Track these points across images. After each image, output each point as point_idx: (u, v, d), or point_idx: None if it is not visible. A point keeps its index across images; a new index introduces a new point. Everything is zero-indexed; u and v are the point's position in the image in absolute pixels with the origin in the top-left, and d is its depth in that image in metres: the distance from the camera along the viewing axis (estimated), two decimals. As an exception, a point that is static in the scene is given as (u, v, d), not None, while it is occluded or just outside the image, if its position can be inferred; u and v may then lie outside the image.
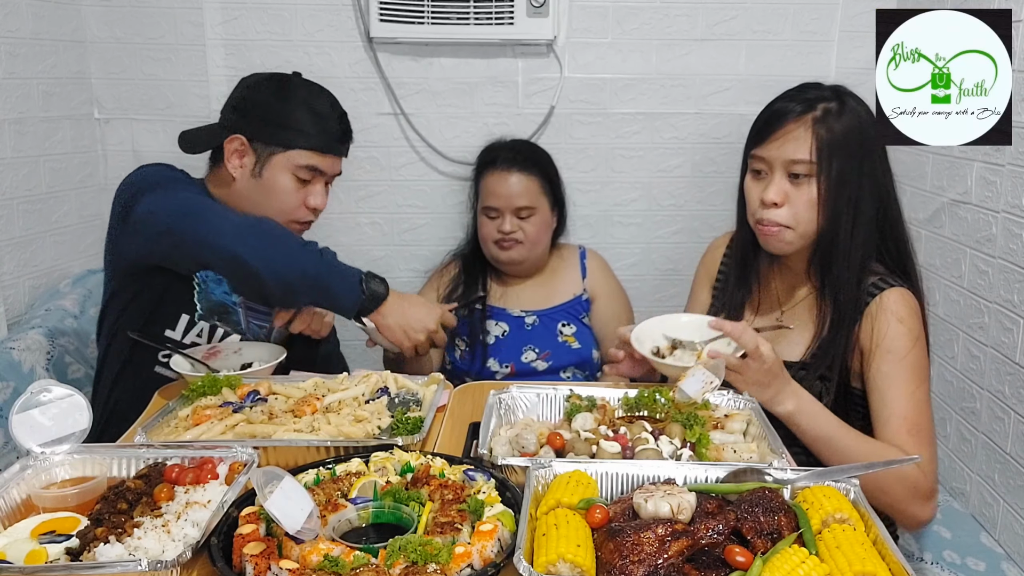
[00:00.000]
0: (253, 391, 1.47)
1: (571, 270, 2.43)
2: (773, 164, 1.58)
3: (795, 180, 1.57)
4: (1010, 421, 2.01)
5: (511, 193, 2.25)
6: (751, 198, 1.64)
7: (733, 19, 2.62)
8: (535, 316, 2.35)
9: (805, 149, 1.55)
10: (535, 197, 2.27)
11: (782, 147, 1.56)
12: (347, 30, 2.59)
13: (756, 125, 1.64)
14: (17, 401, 1.19)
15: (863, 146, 1.57)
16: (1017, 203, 1.97)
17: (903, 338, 1.55)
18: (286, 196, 1.78)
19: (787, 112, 1.57)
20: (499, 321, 2.34)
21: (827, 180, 1.55)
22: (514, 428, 1.36)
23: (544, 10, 2.50)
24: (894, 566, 0.93)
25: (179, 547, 1.00)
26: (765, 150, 1.59)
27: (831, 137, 1.54)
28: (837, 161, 1.55)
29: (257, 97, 1.79)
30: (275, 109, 1.77)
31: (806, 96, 1.59)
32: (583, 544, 0.95)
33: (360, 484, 1.13)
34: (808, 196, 1.57)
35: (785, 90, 1.65)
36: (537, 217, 2.28)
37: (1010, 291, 2.01)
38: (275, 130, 1.76)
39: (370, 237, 2.79)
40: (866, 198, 1.58)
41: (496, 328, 2.34)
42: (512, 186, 2.25)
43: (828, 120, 1.55)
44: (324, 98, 1.82)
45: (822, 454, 1.50)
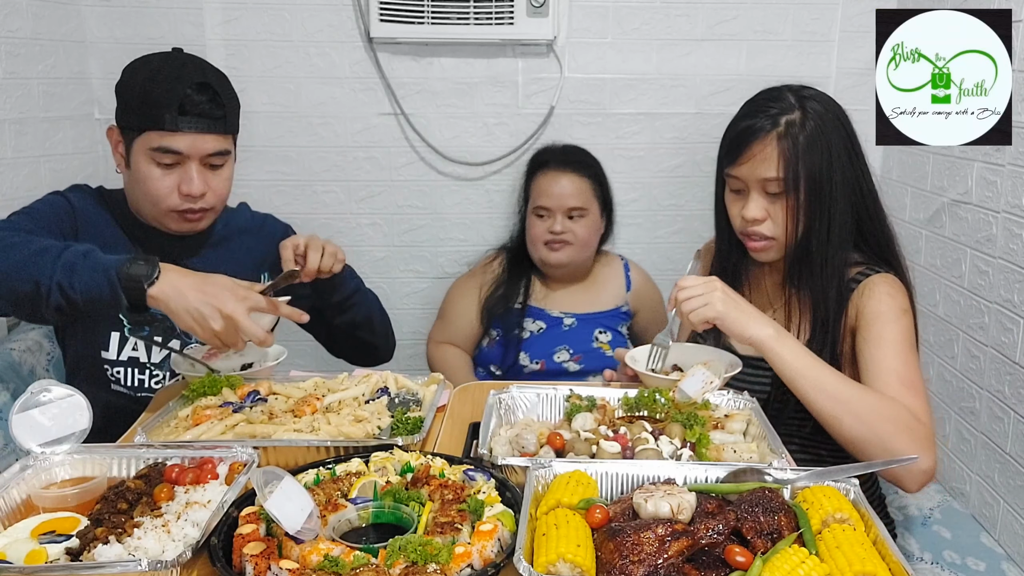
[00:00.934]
0: (253, 391, 1.47)
1: (615, 280, 2.46)
2: (748, 182, 1.60)
3: (771, 196, 1.59)
4: (1010, 421, 2.01)
5: (563, 193, 2.28)
6: (733, 214, 1.66)
7: (733, 19, 2.62)
8: (574, 318, 2.37)
9: (773, 167, 1.55)
10: (587, 199, 2.31)
11: (753, 168, 1.58)
12: (347, 30, 2.60)
13: (725, 143, 1.64)
14: (17, 401, 1.19)
15: (830, 148, 1.56)
16: (1017, 203, 1.97)
17: (893, 308, 1.56)
18: (152, 184, 1.64)
19: (753, 131, 1.57)
20: (536, 319, 2.37)
21: (796, 193, 1.56)
22: (514, 428, 1.36)
23: (544, 10, 2.50)
24: (894, 566, 0.93)
25: (179, 547, 1.00)
26: (738, 170, 1.60)
27: (796, 149, 1.54)
28: (805, 169, 1.55)
29: (121, 80, 1.67)
30: (129, 90, 1.65)
31: (769, 111, 1.58)
32: (583, 544, 0.95)
33: (360, 484, 1.13)
34: (785, 210, 1.58)
35: (747, 100, 1.65)
36: (587, 219, 2.31)
37: (1010, 291, 2.01)
38: (128, 113, 1.64)
39: (370, 237, 2.79)
40: (839, 199, 1.58)
41: (532, 325, 2.36)
42: (564, 187, 2.29)
43: (792, 132, 1.55)
44: (173, 69, 1.63)
45: (805, 391, 1.45)
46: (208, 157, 1.66)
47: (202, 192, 1.66)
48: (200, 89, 1.62)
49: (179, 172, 1.64)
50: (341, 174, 2.72)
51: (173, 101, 1.59)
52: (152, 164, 1.63)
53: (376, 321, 1.96)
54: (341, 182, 2.73)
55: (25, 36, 2.23)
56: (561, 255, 2.30)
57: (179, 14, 2.55)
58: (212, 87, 1.64)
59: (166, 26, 2.56)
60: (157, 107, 1.60)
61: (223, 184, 1.72)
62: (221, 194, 1.72)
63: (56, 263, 1.40)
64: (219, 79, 1.69)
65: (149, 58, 1.68)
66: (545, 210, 2.29)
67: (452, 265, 2.83)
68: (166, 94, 1.60)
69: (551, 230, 2.28)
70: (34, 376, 1.93)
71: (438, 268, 2.83)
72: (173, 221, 1.70)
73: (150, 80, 1.62)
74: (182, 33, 2.56)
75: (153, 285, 1.40)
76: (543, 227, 2.29)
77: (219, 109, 1.65)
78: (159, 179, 1.64)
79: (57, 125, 2.38)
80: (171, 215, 1.68)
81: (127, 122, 1.65)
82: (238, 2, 2.56)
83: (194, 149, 1.63)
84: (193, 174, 1.64)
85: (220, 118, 1.66)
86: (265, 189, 2.68)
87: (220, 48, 2.59)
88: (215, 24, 2.57)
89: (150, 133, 1.61)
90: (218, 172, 1.69)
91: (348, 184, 2.73)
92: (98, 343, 1.73)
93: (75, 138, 2.47)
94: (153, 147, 1.62)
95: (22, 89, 2.22)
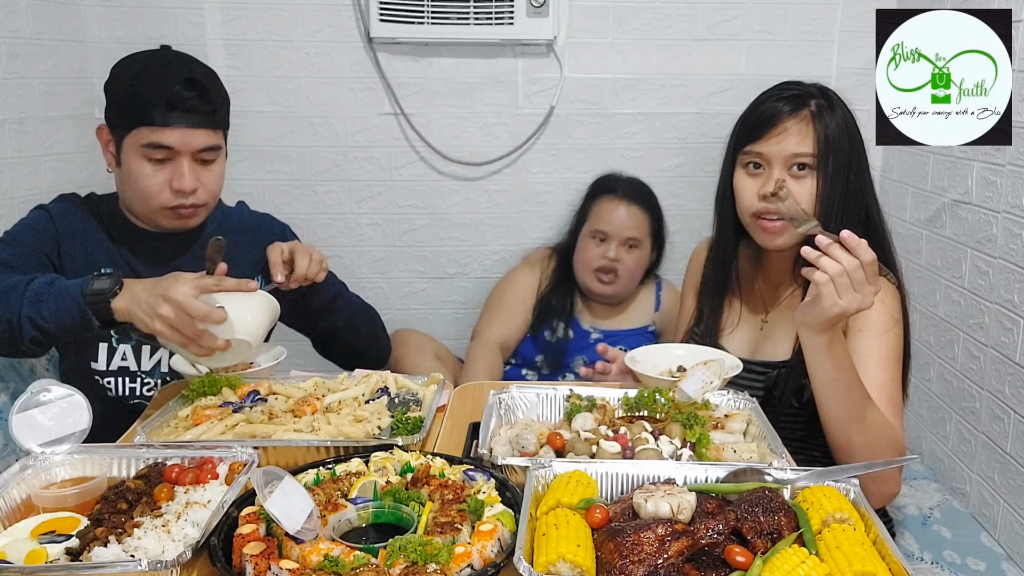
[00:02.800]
0: (253, 391, 1.47)
1: (646, 300, 2.51)
2: (772, 159, 1.59)
3: (794, 174, 1.58)
4: (1010, 421, 2.01)
5: (624, 223, 2.36)
6: (746, 193, 1.63)
7: (733, 19, 2.62)
8: (600, 333, 2.42)
9: (809, 143, 1.57)
10: (644, 232, 2.38)
11: (783, 142, 1.57)
12: (347, 30, 2.60)
13: (747, 124, 1.64)
14: (17, 401, 1.19)
15: (852, 142, 1.60)
16: (1017, 203, 1.97)
17: (884, 316, 1.56)
18: (143, 181, 1.64)
19: (781, 109, 1.59)
20: (568, 326, 2.42)
21: (825, 174, 1.57)
22: (514, 428, 1.36)
23: (544, 10, 2.50)
24: (894, 566, 0.93)
25: (179, 547, 1.00)
26: (763, 146, 1.59)
27: (829, 131, 1.57)
28: (834, 156, 1.57)
29: (110, 79, 1.68)
30: (117, 88, 1.65)
31: (794, 93, 1.61)
32: (583, 544, 0.95)
33: (360, 484, 1.13)
34: (807, 190, 1.58)
35: (766, 89, 1.66)
36: (640, 252, 2.38)
37: (1010, 291, 2.01)
38: (118, 111, 1.65)
39: (370, 237, 2.79)
40: (853, 195, 1.60)
41: (561, 330, 2.41)
42: (626, 216, 2.36)
43: (824, 115, 1.58)
44: (161, 66, 1.64)
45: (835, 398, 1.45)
46: (199, 152, 1.66)
47: (194, 188, 1.66)
48: (188, 84, 1.62)
49: (170, 168, 1.64)
50: (341, 174, 2.72)
51: (162, 97, 1.59)
52: (143, 161, 1.63)
53: (360, 325, 1.92)
54: (341, 182, 2.73)
55: (26, 36, 2.23)
56: (608, 288, 2.37)
57: (179, 14, 2.55)
58: (200, 82, 1.64)
59: (166, 26, 2.56)
60: (146, 103, 1.60)
61: (214, 180, 1.71)
62: (212, 190, 1.72)
63: (22, 297, 1.44)
64: (207, 75, 1.69)
65: (137, 56, 1.68)
66: (603, 234, 2.35)
67: (452, 265, 2.83)
68: (155, 90, 1.60)
69: (605, 255, 2.34)
70: (34, 376, 1.93)
71: (438, 268, 2.84)
72: (165, 218, 1.70)
73: (138, 77, 1.62)
74: (182, 33, 2.56)
75: (116, 297, 1.41)
76: (597, 252, 2.35)
77: (208, 104, 1.65)
78: (150, 176, 1.64)
79: (58, 125, 2.39)
80: (163, 212, 1.68)
81: (117, 120, 1.65)
82: (238, 2, 2.56)
83: (184, 144, 1.63)
84: (184, 170, 1.64)
85: (209, 113, 1.65)
86: (265, 189, 2.68)
87: (220, 48, 2.59)
88: (215, 24, 2.57)
89: (140, 129, 1.61)
90: (209, 168, 1.69)
91: (348, 184, 2.73)
92: (88, 354, 1.74)
93: (76, 138, 2.47)
94: (143, 143, 1.61)
95: (23, 89, 2.22)
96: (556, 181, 2.71)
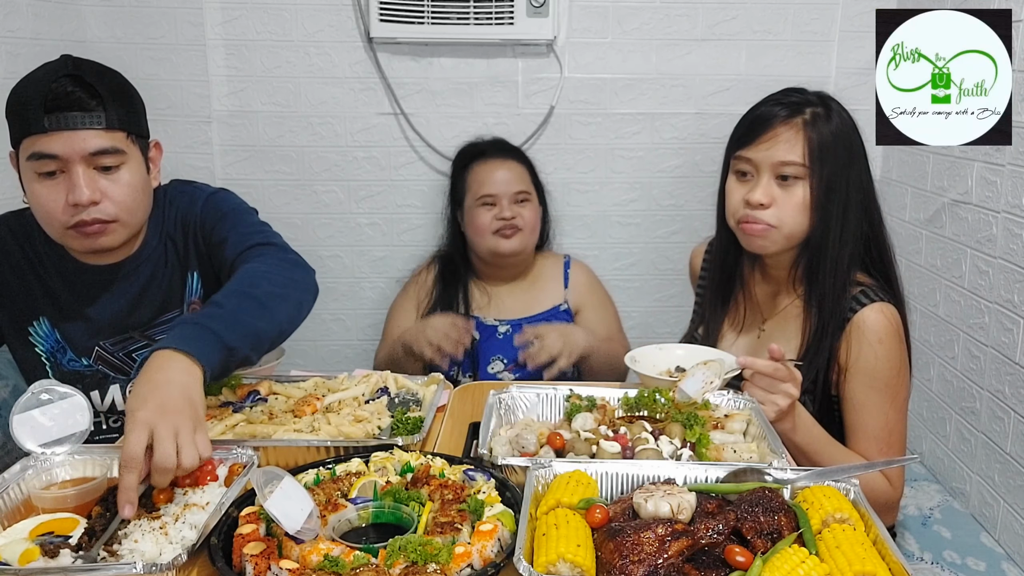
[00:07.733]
0: (253, 391, 1.47)
1: (554, 279, 2.40)
2: (760, 166, 1.58)
3: (783, 182, 1.57)
4: (1010, 421, 2.01)
5: (508, 179, 2.28)
6: (734, 199, 1.63)
7: (733, 19, 2.62)
8: (508, 326, 2.30)
9: (797, 151, 1.54)
10: (528, 184, 2.31)
11: (771, 149, 1.56)
12: (347, 30, 2.60)
13: (741, 128, 1.64)
14: (18, 401, 1.19)
15: (850, 152, 1.58)
16: (1017, 203, 1.97)
17: (881, 361, 1.54)
18: (39, 201, 1.44)
19: (774, 115, 1.57)
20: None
21: (818, 183, 1.55)
22: (514, 428, 1.36)
23: (544, 10, 2.50)
24: (894, 566, 0.93)
25: (176, 549, 1.00)
26: (752, 152, 1.58)
27: (821, 140, 1.54)
28: (827, 165, 1.55)
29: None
30: (8, 103, 1.45)
31: (791, 100, 1.59)
32: (583, 544, 0.95)
33: (360, 484, 1.13)
34: (796, 199, 1.56)
35: (766, 95, 1.65)
36: (532, 204, 2.30)
37: (1010, 291, 2.01)
38: (9, 127, 1.45)
39: (370, 237, 2.79)
40: (853, 204, 1.58)
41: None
42: (508, 173, 2.28)
43: (818, 124, 1.55)
44: (43, 70, 1.44)
45: (808, 460, 1.50)
46: (93, 158, 1.43)
47: (91, 199, 1.43)
48: (68, 81, 1.41)
49: (64, 181, 1.43)
50: (341, 174, 2.72)
51: (38, 98, 1.39)
52: (35, 179, 1.43)
53: (286, 331, 1.49)
54: (341, 182, 2.73)
55: (26, 36, 2.23)
56: (514, 242, 2.25)
57: (179, 14, 2.55)
58: (82, 78, 1.42)
59: (166, 26, 2.56)
60: (24, 109, 1.40)
61: (123, 191, 1.47)
62: (121, 201, 1.48)
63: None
64: (96, 71, 1.47)
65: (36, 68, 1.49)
66: (491, 197, 2.25)
67: (452, 265, 2.82)
68: (32, 93, 1.41)
69: (500, 216, 2.23)
70: (34, 376, 1.92)
71: (438, 268, 2.83)
72: (73, 239, 1.49)
73: (22, 85, 1.44)
74: (182, 33, 2.56)
75: None
76: (490, 216, 2.24)
77: (93, 100, 1.42)
78: (45, 194, 1.43)
79: (57, 125, 2.38)
80: (68, 234, 1.47)
81: (12, 140, 1.46)
82: (238, 2, 2.56)
83: (70, 149, 1.40)
84: (77, 179, 1.41)
85: (96, 110, 1.42)
86: (265, 189, 2.68)
87: (220, 48, 2.59)
88: (215, 24, 2.57)
89: (24, 142, 1.42)
90: (113, 176, 1.46)
91: (348, 184, 2.73)
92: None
93: (75, 138, 2.46)
94: (28, 156, 1.42)
95: (22, 89, 2.22)
96: (556, 181, 2.70)
